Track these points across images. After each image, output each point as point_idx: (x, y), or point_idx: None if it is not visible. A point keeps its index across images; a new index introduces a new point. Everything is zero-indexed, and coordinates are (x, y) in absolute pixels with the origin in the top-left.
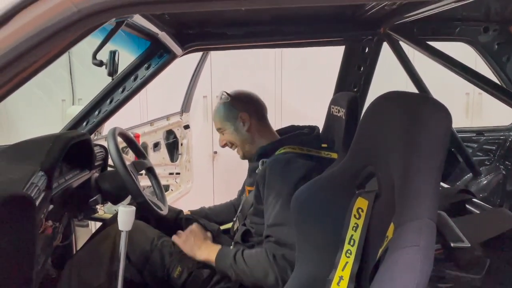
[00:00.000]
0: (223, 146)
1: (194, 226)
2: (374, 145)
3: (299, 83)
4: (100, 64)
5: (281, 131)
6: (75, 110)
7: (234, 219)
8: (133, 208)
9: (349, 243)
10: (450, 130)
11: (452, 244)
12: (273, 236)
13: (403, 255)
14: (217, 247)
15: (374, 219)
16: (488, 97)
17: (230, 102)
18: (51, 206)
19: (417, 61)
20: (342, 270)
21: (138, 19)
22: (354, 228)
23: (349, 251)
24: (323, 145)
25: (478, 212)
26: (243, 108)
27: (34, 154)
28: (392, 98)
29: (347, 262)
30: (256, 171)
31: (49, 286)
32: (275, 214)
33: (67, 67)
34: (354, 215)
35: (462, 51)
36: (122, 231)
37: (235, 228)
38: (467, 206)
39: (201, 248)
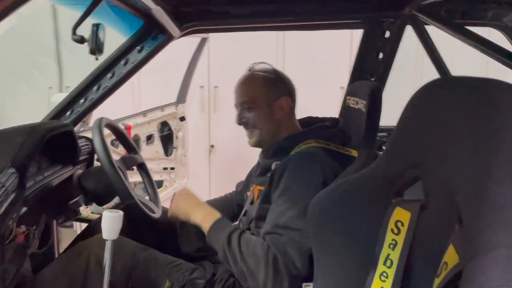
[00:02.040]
0: (241, 123)
1: (184, 188)
2: (421, 143)
3: (302, 73)
4: (81, 40)
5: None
6: (60, 98)
7: (237, 222)
8: (120, 213)
9: (384, 263)
10: None
11: None
12: (284, 235)
13: None
14: (215, 214)
15: (419, 235)
16: None
17: (275, 79)
18: (24, 209)
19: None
20: None
21: None
22: (391, 246)
23: (384, 274)
24: None
25: None
26: (287, 93)
27: (4, 148)
28: (452, 84)
29: (382, 287)
30: (272, 170)
31: None
32: (291, 217)
33: (54, 54)
34: (392, 230)
35: None
36: (107, 240)
37: None
38: None
39: (196, 209)
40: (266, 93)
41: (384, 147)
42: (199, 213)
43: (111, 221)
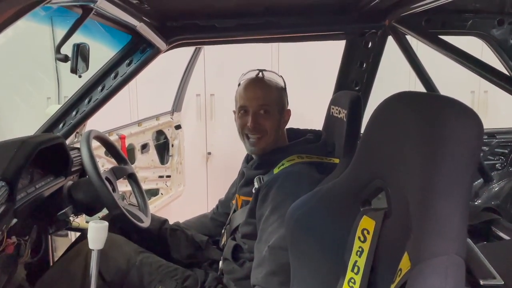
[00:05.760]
0: (254, 126)
1: None
2: (383, 155)
3: (297, 81)
4: (65, 59)
5: None
6: (55, 109)
7: (223, 231)
8: (105, 224)
9: (352, 270)
10: (481, 141)
11: (481, 282)
12: (272, 262)
13: None
14: None
15: (382, 243)
16: (494, 95)
17: (285, 88)
18: (14, 220)
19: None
20: None
21: (110, 8)
22: (358, 253)
23: (352, 280)
24: None
25: (506, 236)
26: (288, 104)
27: None
28: (407, 100)
29: None
30: (255, 184)
31: None
32: (280, 236)
33: (52, 63)
34: (359, 237)
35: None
36: (93, 250)
37: (222, 241)
38: (493, 228)
39: None
40: (280, 100)
41: None
42: None
43: (96, 232)
